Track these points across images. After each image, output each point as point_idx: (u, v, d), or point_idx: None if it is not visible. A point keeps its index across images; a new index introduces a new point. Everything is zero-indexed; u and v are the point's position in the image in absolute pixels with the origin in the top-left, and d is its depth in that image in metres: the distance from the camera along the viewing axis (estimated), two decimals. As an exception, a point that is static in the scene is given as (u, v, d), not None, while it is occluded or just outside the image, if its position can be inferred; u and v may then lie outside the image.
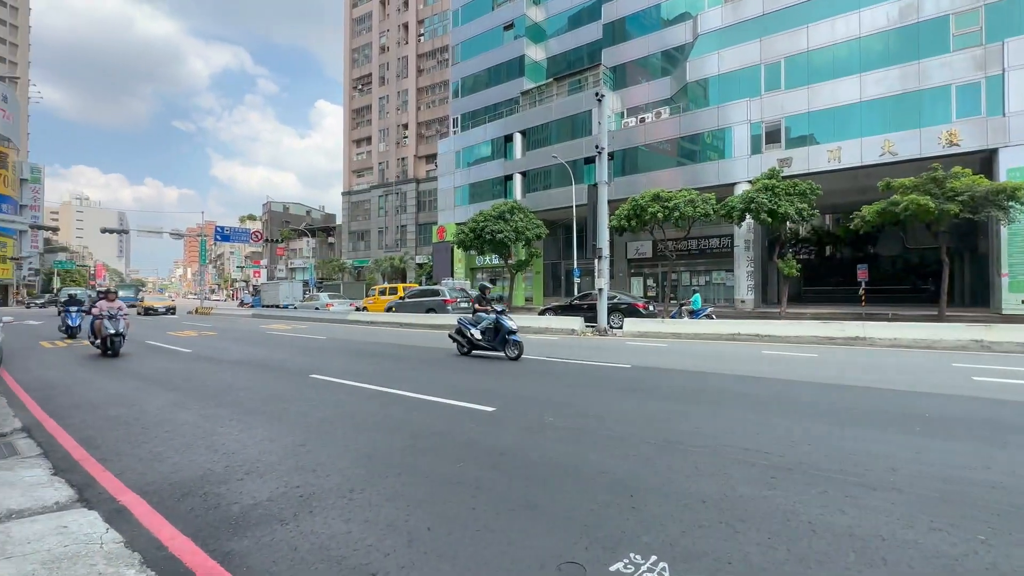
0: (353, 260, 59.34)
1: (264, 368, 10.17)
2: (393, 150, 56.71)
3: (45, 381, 9.00)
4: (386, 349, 13.43)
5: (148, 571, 2.78)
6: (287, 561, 2.86)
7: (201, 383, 8.59)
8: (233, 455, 4.76)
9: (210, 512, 3.53)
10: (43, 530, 3.24)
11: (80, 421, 6.15)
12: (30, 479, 4.23)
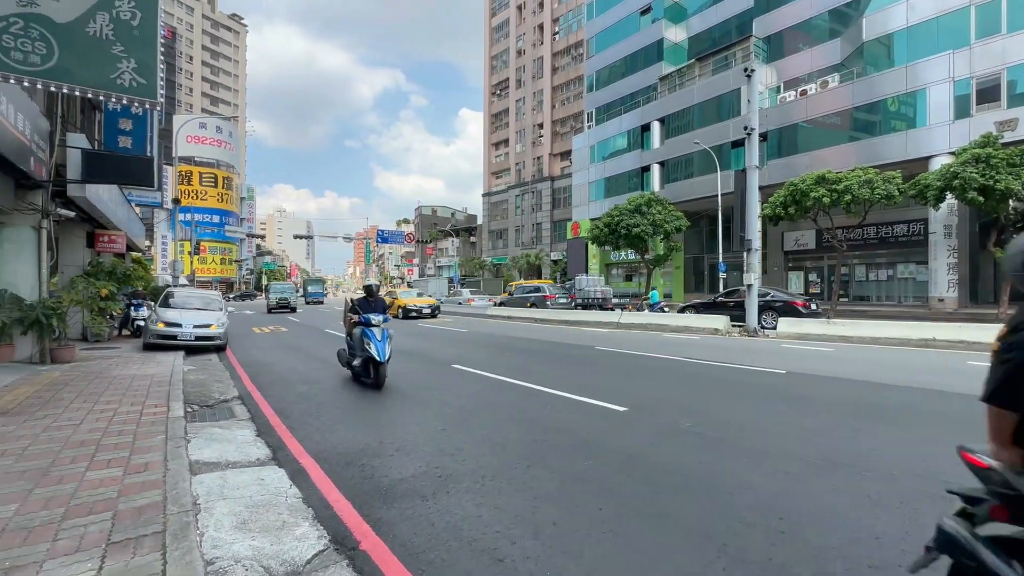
0: (492, 257, 62.55)
1: (414, 356, 11.25)
2: (529, 150, 58.33)
3: (255, 360, 11.13)
4: (519, 343, 13.89)
5: (318, 526, 3.27)
6: (425, 535, 3.12)
7: (364, 367, 9.82)
8: (386, 433, 5.35)
9: (366, 481, 4.02)
10: (248, 480, 4.02)
11: (277, 394, 7.47)
12: (242, 438, 5.28)
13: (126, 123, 13.86)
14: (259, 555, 2.86)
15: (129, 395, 6.73)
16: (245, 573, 2.66)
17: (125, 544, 2.82)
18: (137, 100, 5.85)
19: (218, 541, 2.98)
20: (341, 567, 2.80)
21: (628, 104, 39.91)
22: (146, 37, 5.92)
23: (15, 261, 9.26)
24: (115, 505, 3.33)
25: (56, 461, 4.13)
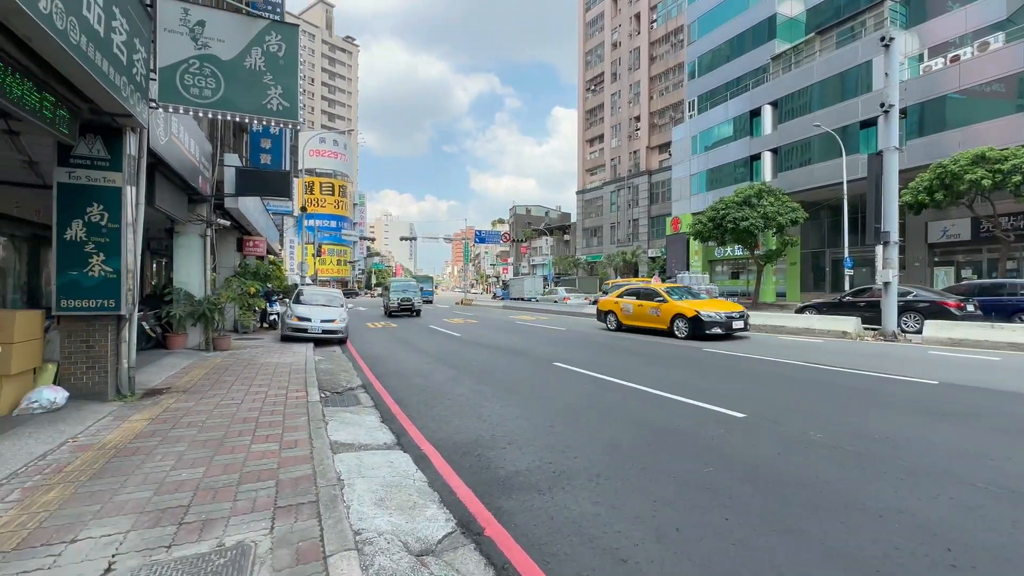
0: (587, 256, 61.88)
1: (516, 354, 11.52)
2: (625, 144, 56.78)
3: (371, 353, 12.13)
4: (619, 342, 13.59)
5: (445, 509, 3.49)
6: (545, 528, 3.19)
7: (470, 363, 10.26)
8: (497, 426, 5.55)
9: (483, 471, 4.20)
10: (380, 461, 4.41)
11: (394, 385, 8.08)
12: (369, 423, 5.80)
13: (266, 142, 15.83)
14: (397, 530, 3.13)
15: (275, 380, 7.68)
16: (387, 545, 2.92)
17: (288, 509, 3.24)
18: (283, 121, 6.66)
19: (362, 515, 3.31)
20: (469, 550, 2.96)
21: (734, 89, 37.18)
22: (289, 66, 6.72)
23: (187, 264, 11.01)
24: (276, 475, 3.83)
25: (228, 434, 4.85)
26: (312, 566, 2.58)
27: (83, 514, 3.11)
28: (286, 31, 6.79)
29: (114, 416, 5.39)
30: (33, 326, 5.49)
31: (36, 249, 11.95)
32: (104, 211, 5.78)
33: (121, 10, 5.11)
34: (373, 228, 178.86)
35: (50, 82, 4.63)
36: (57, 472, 3.80)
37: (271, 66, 6.58)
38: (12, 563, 2.57)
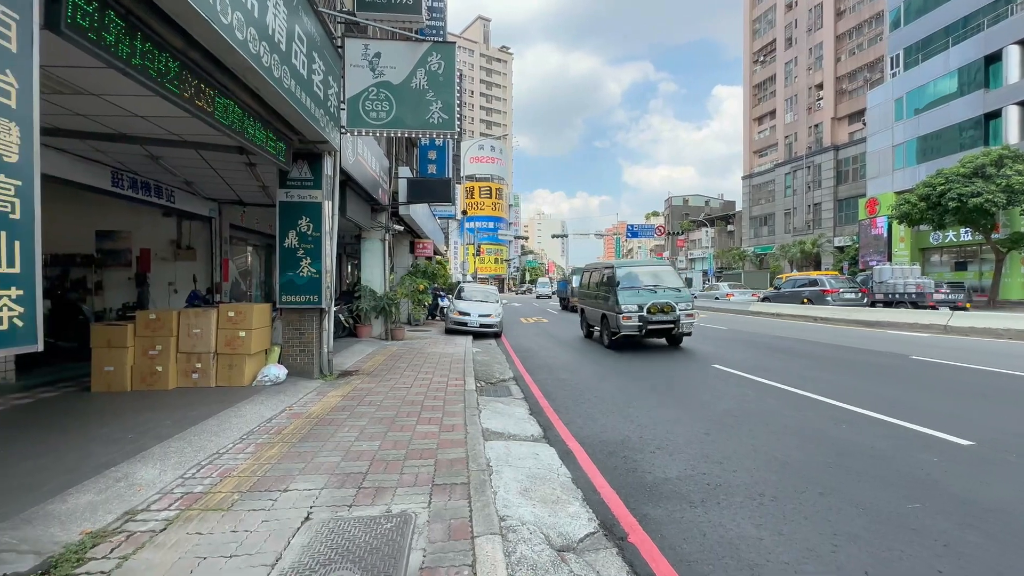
0: (754, 247, 55.57)
1: (669, 352, 10.88)
2: (803, 118, 49.44)
3: (523, 347, 12.64)
4: (792, 345, 11.89)
5: (587, 508, 3.45)
6: (695, 544, 2.94)
7: (619, 360, 10.01)
8: (645, 428, 5.31)
9: (629, 474, 4.05)
10: (526, 453, 4.56)
11: (542, 379, 8.29)
12: (518, 414, 6.04)
13: (432, 154, 17.57)
14: (539, 523, 3.19)
15: (439, 369, 8.49)
16: (529, 535, 3.00)
17: (444, 488, 3.54)
18: (443, 132, 7.32)
19: (507, 502, 3.45)
20: (611, 554, 2.88)
21: (959, 33, 29.59)
22: (447, 81, 7.35)
23: (371, 265, 12.81)
24: (435, 455, 4.22)
25: (399, 414, 5.51)
26: (461, 543, 2.78)
27: (292, 470, 3.83)
28: (445, 50, 7.43)
29: (317, 391, 6.54)
30: (265, 316, 6.95)
31: (269, 255, 15.12)
32: (310, 222, 7.03)
33: (319, 54, 6.14)
34: (527, 227, 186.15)
35: (272, 121, 5.79)
36: (277, 433, 4.74)
37: (432, 83, 7.26)
38: (247, 500, 3.28)
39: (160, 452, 4.06)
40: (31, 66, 2.41)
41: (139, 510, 3.12)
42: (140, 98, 5.09)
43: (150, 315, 6.27)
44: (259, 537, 2.81)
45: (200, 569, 2.49)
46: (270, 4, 4.66)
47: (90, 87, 4.78)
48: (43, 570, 2.44)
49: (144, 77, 3.61)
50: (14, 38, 2.31)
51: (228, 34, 3.91)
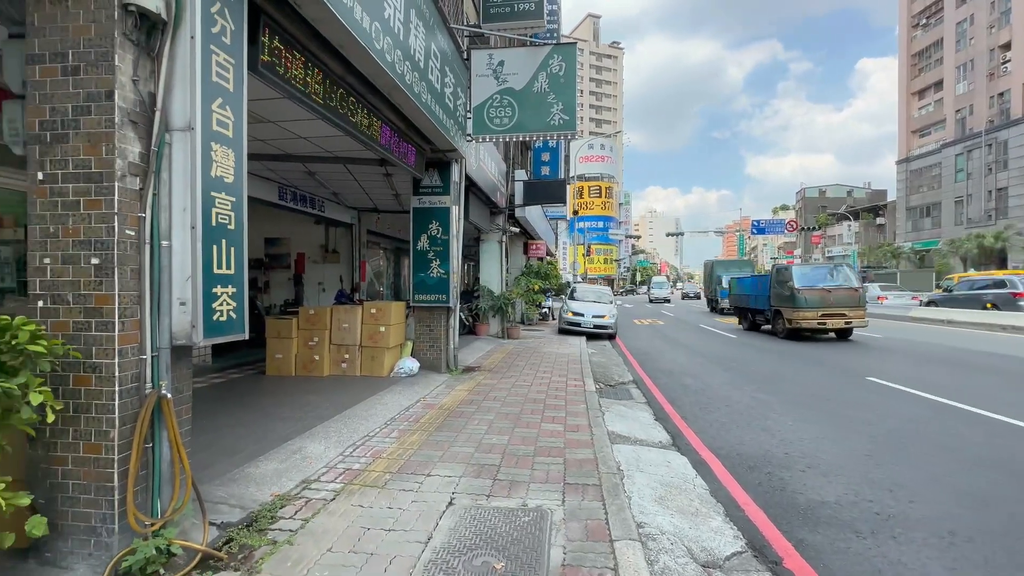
0: (912, 243, 47.60)
1: (808, 361, 9.77)
2: (981, 87, 41.17)
3: (640, 349, 12.23)
4: (977, 358, 9.93)
5: (731, 524, 3.22)
6: (870, 580, 2.59)
7: (748, 367, 9.23)
8: (790, 444, 4.81)
9: (776, 493, 3.70)
10: (656, 459, 4.39)
11: (665, 383, 7.94)
12: (643, 419, 5.86)
13: (546, 156, 17.78)
14: (679, 534, 3.05)
15: (556, 368, 8.56)
16: (670, 546, 2.88)
17: (575, 487, 3.55)
18: (563, 134, 7.38)
19: (643, 508, 3.36)
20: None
21: None
22: (568, 82, 7.38)
23: (489, 265, 13.34)
24: (563, 454, 4.25)
25: (522, 411, 5.65)
26: (600, 545, 2.76)
27: (432, 456, 4.12)
28: (566, 51, 7.47)
29: (446, 385, 6.97)
30: (400, 313, 7.58)
31: (398, 257, 16.48)
32: (439, 226, 7.52)
33: (450, 68, 6.54)
34: (638, 226, 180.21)
35: (410, 134, 6.30)
36: (415, 422, 5.14)
37: (553, 86, 7.34)
38: (396, 480, 3.60)
39: (323, 431, 4.63)
40: (241, 102, 2.89)
41: (312, 480, 3.58)
42: (304, 122, 5.85)
43: (309, 311, 7.19)
44: (411, 515, 3.06)
45: (366, 538, 2.78)
46: (412, 26, 5.07)
47: (268, 115, 5.60)
48: (247, 523, 2.91)
49: (312, 102, 4.13)
50: (231, 79, 2.78)
51: (380, 57, 4.33)
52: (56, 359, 2.25)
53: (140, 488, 2.44)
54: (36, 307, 2.40)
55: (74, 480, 2.36)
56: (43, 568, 2.36)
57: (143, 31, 2.44)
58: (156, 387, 2.49)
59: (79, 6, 2.34)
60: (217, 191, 2.67)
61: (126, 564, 2.29)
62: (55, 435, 2.37)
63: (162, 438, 2.53)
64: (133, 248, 2.42)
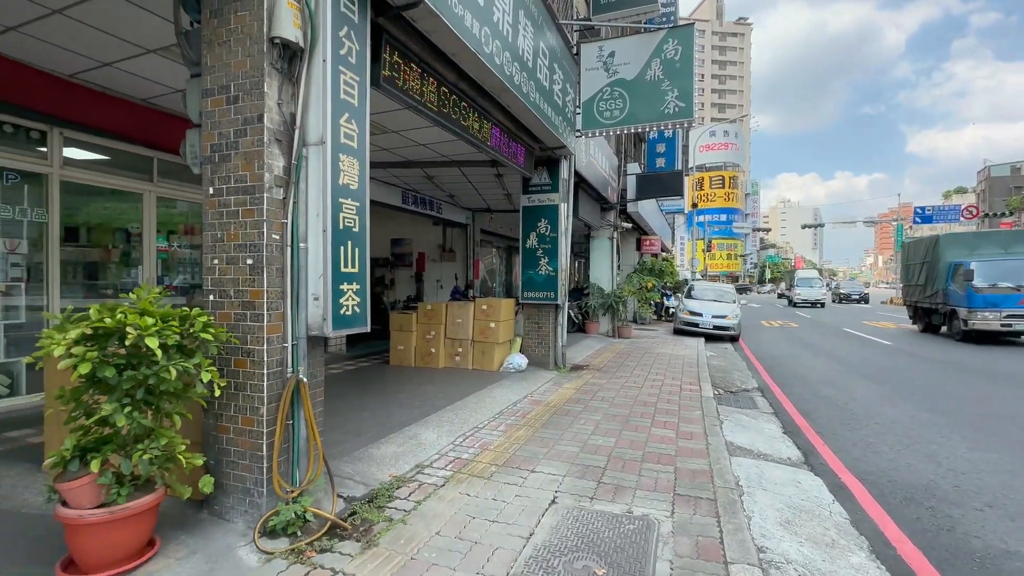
0: None
1: (987, 376, 8.04)
2: None
3: (767, 353, 11.09)
4: None
5: (878, 563, 2.76)
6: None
7: (905, 379, 7.87)
8: (962, 475, 4.00)
9: (941, 533, 3.10)
10: (783, 478, 3.94)
11: (798, 393, 7.10)
12: (768, 431, 5.30)
13: (661, 147, 16.93)
14: (810, 566, 2.69)
15: (669, 371, 8.11)
16: (797, 578, 2.56)
17: (687, 499, 3.32)
18: (679, 122, 6.94)
19: (765, 531, 3.03)
20: (921, 632, 2.23)
21: None
22: (685, 67, 6.92)
23: (599, 263, 13.09)
24: (674, 462, 4.01)
25: (631, 413, 5.45)
26: (712, 566, 2.54)
27: (537, 453, 4.15)
28: (682, 34, 7.01)
29: (553, 382, 6.98)
30: (510, 310, 7.76)
31: (510, 255, 16.92)
32: (548, 224, 7.55)
33: (558, 64, 6.52)
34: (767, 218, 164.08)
35: (519, 134, 6.40)
36: (522, 417, 5.22)
37: (668, 72, 6.93)
38: (501, 474, 3.69)
39: (436, 420, 4.91)
40: (365, 115, 3.16)
41: (425, 465, 3.82)
42: (421, 129, 6.24)
43: (427, 306, 7.69)
44: (514, 509, 3.11)
45: (471, 526, 2.89)
46: (520, 27, 5.14)
47: (391, 126, 6.08)
48: (368, 499, 3.19)
49: (427, 110, 4.38)
50: (356, 95, 3.06)
51: (489, 61, 4.45)
52: (221, 344, 2.68)
53: (283, 459, 2.80)
54: (208, 300, 2.87)
55: (234, 447, 2.79)
56: (212, 518, 2.82)
57: (285, 59, 2.79)
58: (295, 372, 2.84)
59: (238, 44, 2.74)
60: (344, 197, 2.96)
61: (272, 523, 2.64)
62: (221, 408, 2.82)
63: (300, 417, 2.87)
64: (278, 250, 2.77)
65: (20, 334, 4.78)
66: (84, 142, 5.19)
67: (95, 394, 2.28)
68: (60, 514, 2.17)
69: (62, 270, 5.07)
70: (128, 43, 4.17)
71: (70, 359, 2.12)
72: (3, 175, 4.64)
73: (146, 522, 2.34)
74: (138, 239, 5.85)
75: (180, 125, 5.74)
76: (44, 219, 4.92)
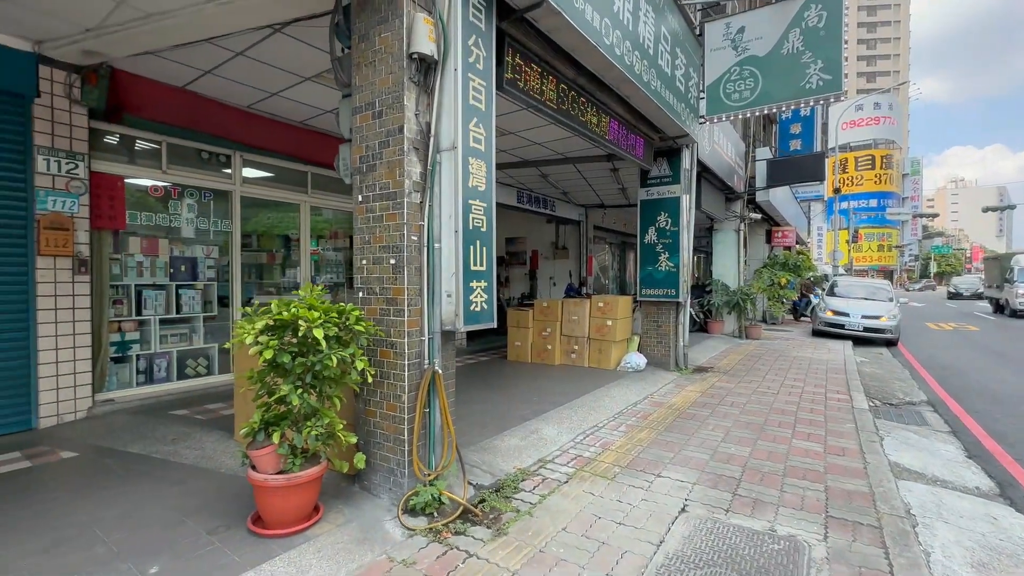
0: None
1: None
2: None
3: (937, 361, 9.40)
4: None
5: (1122, 631, 2.18)
6: None
7: None
8: None
9: None
10: (972, 511, 3.30)
11: (982, 409, 5.91)
12: (946, 453, 4.48)
13: (795, 127, 15.19)
14: (1017, 620, 2.22)
15: (810, 377, 7.25)
16: (1000, 633, 2.12)
17: (843, 524, 2.93)
18: (824, 97, 6.14)
19: (949, 572, 2.56)
20: None
21: None
22: (831, 34, 6.10)
23: (723, 258, 12.16)
24: (823, 479, 3.57)
25: (767, 422, 4.97)
26: (882, 603, 2.21)
27: (663, 457, 3.97)
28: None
29: (674, 384, 6.64)
30: (627, 308, 7.55)
31: (623, 251, 16.46)
32: (668, 218, 7.19)
33: (680, 48, 6.15)
34: (931, 202, 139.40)
35: (638, 125, 6.18)
36: (643, 418, 5.04)
37: (810, 42, 6.18)
38: (624, 475, 3.59)
39: (555, 416, 4.95)
40: (491, 119, 3.27)
41: (547, 460, 3.86)
42: (537, 129, 6.32)
43: (543, 303, 7.78)
44: (641, 513, 3.01)
45: (597, 526, 2.86)
46: (640, 13, 4.94)
47: (508, 127, 6.24)
48: (495, 488, 3.31)
49: (546, 108, 4.41)
50: (483, 100, 3.18)
51: (609, 52, 4.35)
52: (370, 337, 2.96)
53: (421, 444, 3.02)
54: (357, 297, 3.20)
55: (380, 430, 3.08)
56: (362, 492, 3.14)
57: (421, 72, 2.99)
58: (431, 363, 3.04)
59: (382, 63, 3.00)
60: (473, 199, 3.10)
61: (412, 502, 2.87)
62: (368, 394, 3.12)
63: (435, 406, 3.07)
64: (416, 250, 2.99)
65: (213, 324, 5.78)
66: (257, 162, 6.11)
67: (274, 377, 2.66)
68: (250, 476, 2.58)
69: (242, 271, 6.02)
70: (290, 73, 4.81)
71: (257, 346, 2.50)
72: (202, 194, 5.65)
73: (313, 490, 2.68)
74: (296, 244, 6.74)
75: (329, 142, 6.50)
76: (229, 229, 5.89)
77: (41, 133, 4.24)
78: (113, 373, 4.93)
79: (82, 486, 3.22)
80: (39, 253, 4.21)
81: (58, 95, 4.34)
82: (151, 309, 5.25)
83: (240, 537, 2.60)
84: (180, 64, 4.58)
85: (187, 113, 5.21)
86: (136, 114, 4.85)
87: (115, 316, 4.97)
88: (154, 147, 5.19)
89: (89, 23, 3.86)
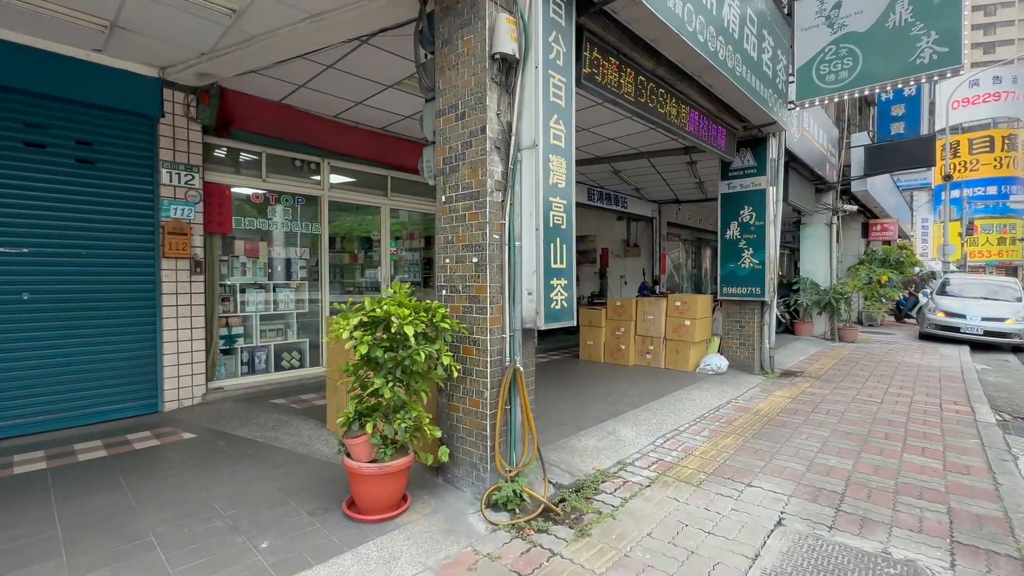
0: None
1: None
2: None
3: (1082, 371, 8.10)
4: None
5: None
6: None
7: None
8: None
9: None
10: None
11: None
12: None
13: (897, 109, 13.74)
14: None
15: (920, 385, 6.53)
16: None
17: (973, 551, 2.60)
18: (938, 73, 5.48)
19: (1118, 617, 2.19)
20: None
21: None
22: (947, 2, 5.43)
23: (813, 254, 11.26)
24: (945, 500, 3.19)
25: (871, 432, 4.53)
26: (1030, 646, 1.93)
27: (752, 465, 3.73)
28: (944, -40, 5.52)
29: (760, 388, 6.23)
30: (706, 307, 7.19)
31: (698, 249, 15.73)
32: (752, 211, 6.76)
33: (768, 30, 5.76)
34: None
35: (720, 115, 5.86)
36: (728, 424, 4.78)
37: (921, 12, 5.55)
38: (710, 483, 3.42)
39: (633, 418, 4.81)
40: (571, 115, 3.24)
41: (627, 463, 3.77)
42: (612, 124, 6.18)
43: (616, 302, 7.61)
44: (732, 524, 2.85)
45: (684, 533, 2.74)
46: (725, -4, 4.68)
47: (581, 123, 6.16)
48: (575, 488, 3.28)
49: (624, 102, 4.29)
50: (563, 96, 3.16)
51: (691, 40, 4.15)
52: (454, 334, 3.04)
53: (502, 440, 3.06)
54: (440, 295, 3.29)
55: (463, 425, 3.15)
56: (446, 484, 3.23)
57: (502, 72, 3.02)
58: (512, 361, 3.07)
59: (464, 66, 3.07)
60: (553, 196, 3.08)
61: (494, 497, 2.91)
62: (452, 389, 3.20)
63: (516, 403, 3.10)
64: (498, 249, 3.03)
65: (305, 320, 6.21)
66: (342, 168, 6.49)
67: (367, 370, 2.80)
68: (346, 463, 2.73)
69: (329, 271, 6.43)
70: (373, 82, 5.05)
71: (352, 341, 2.64)
72: (296, 199, 6.09)
73: (402, 479, 2.79)
74: (377, 244, 7.08)
75: (407, 146, 6.76)
76: (318, 231, 6.30)
77: (165, 149, 4.77)
78: (222, 364, 5.45)
79: (200, 464, 3.59)
80: (164, 256, 4.74)
81: (178, 115, 4.86)
82: (252, 306, 5.74)
83: (336, 520, 2.76)
84: (277, 80, 4.96)
85: (283, 125, 5.64)
86: (241, 128, 5.32)
87: (223, 312, 5.48)
88: (255, 158, 5.67)
89: (203, 48, 4.28)
